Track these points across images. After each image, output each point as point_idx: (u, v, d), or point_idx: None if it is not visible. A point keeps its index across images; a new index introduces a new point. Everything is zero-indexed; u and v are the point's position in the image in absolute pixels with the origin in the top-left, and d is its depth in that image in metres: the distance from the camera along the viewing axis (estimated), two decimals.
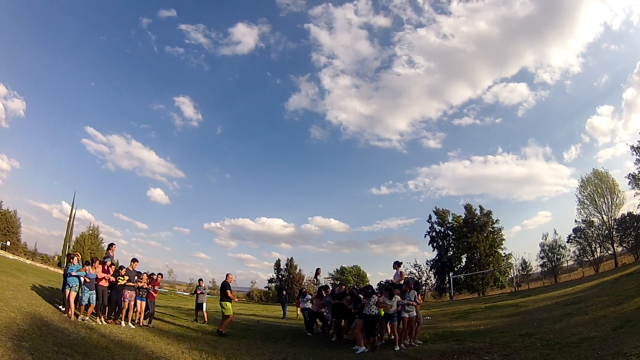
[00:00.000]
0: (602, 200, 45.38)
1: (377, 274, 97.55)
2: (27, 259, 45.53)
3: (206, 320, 16.56)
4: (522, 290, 39.93)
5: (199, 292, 17.85)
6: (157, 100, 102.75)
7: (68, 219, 53.02)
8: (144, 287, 12.79)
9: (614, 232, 43.78)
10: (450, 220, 57.14)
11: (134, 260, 13.06)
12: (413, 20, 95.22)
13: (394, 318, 10.67)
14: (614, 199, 44.85)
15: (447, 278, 49.45)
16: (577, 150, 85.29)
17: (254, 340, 12.24)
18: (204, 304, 17.50)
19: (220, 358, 8.85)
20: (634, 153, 43.31)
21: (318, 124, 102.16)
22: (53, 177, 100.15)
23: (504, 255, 52.37)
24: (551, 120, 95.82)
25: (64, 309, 11.35)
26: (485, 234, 52.30)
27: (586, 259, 46.22)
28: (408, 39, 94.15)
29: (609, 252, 44.31)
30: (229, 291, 13.54)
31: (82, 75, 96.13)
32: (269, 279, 69.34)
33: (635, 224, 42.42)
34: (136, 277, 12.62)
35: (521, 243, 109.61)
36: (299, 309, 23.96)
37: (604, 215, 45.12)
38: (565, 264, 47.88)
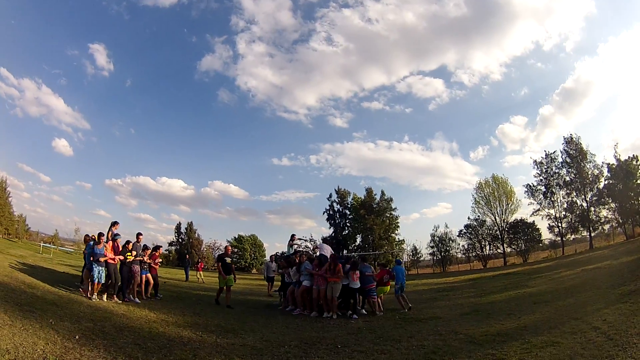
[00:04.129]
0: (497, 203, 51.41)
1: (274, 244, 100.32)
2: None
3: None
4: (411, 274, 44.11)
5: None
6: (73, 45, 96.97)
7: None
8: (147, 261, 13.19)
9: (505, 234, 49.57)
10: (350, 201, 61.35)
11: (140, 234, 13.69)
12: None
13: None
14: (509, 204, 51.21)
15: (340, 255, 52.66)
16: (484, 152, 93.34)
17: (165, 298, 13.59)
18: None
19: (144, 309, 10.32)
20: (536, 167, 49.90)
21: (227, 88, 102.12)
22: None
23: (398, 240, 57.72)
24: (462, 119, 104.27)
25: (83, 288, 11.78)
26: (382, 219, 56.93)
27: (474, 254, 52.15)
28: (331, 17, 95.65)
29: (499, 250, 50.27)
30: (219, 265, 13.51)
31: (4, 10, 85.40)
32: (169, 242, 69.91)
33: (525, 230, 48.11)
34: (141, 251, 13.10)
35: (419, 230, 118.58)
36: (199, 272, 25.68)
37: (496, 217, 51.30)
38: (457, 255, 53.64)
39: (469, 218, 53.60)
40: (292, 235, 15.84)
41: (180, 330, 8.25)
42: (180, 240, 68.57)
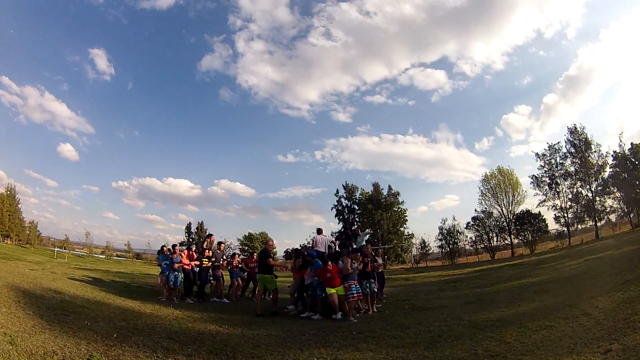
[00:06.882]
0: (503, 195, 52.12)
1: (283, 241, 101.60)
2: None
3: None
4: (420, 267, 44.92)
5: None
6: (73, 51, 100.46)
7: None
8: (235, 265, 15.59)
9: (512, 225, 50.27)
10: (357, 196, 62.33)
11: (221, 242, 16.36)
12: None
13: None
14: (515, 196, 52.04)
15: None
16: (489, 142, 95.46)
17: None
18: None
19: (169, 307, 11.25)
20: (538, 159, 50.51)
21: (228, 87, 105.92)
22: None
23: (407, 234, 58.74)
24: (465, 110, 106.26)
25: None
26: (390, 213, 57.89)
27: (482, 246, 52.90)
28: (329, 11, 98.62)
29: (506, 241, 50.94)
30: (270, 260, 11.69)
31: (3, 20, 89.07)
32: (180, 242, 70.27)
33: (532, 221, 48.74)
34: (222, 257, 15.14)
35: (427, 222, 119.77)
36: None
37: (503, 209, 52.07)
38: (465, 247, 54.48)
39: (476, 210, 54.51)
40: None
41: (207, 325, 9.06)
42: (191, 239, 68.97)
